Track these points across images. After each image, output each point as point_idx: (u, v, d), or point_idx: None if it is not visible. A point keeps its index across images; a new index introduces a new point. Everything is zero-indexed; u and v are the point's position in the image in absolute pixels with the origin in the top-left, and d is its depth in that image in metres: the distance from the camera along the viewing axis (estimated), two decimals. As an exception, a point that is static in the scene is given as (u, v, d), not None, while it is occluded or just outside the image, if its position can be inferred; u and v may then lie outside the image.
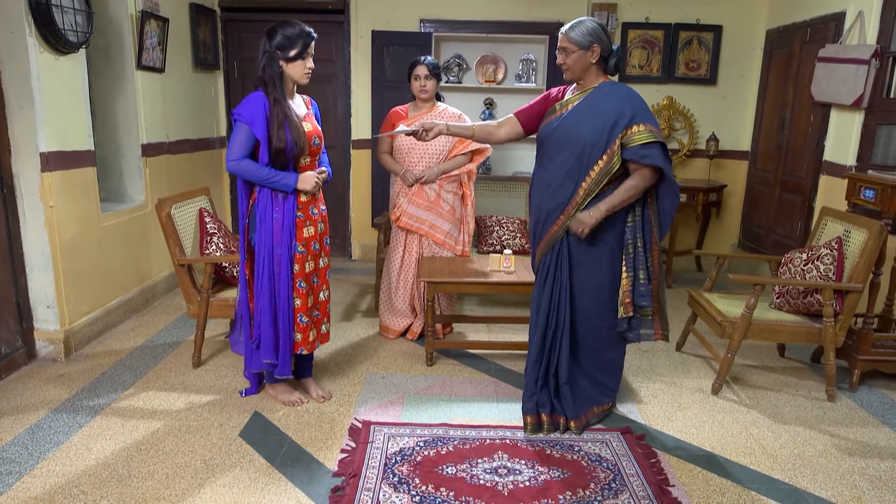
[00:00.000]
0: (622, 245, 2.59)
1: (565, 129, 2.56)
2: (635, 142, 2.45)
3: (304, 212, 2.70)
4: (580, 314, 2.64)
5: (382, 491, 2.25)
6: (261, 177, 2.57)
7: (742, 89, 5.32)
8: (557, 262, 2.60)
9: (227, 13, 5.25)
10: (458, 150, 3.58)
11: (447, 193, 3.59)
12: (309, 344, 2.78)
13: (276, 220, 2.63)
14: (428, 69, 3.50)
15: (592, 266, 2.60)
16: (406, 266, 3.70)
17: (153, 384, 3.07)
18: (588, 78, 2.57)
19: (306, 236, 2.71)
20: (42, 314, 3.29)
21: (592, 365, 2.73)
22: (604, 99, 2.52)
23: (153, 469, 2.36)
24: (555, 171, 2.58)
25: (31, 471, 2.33)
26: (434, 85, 3.53)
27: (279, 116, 2.53)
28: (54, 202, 3.20)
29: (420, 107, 3.60)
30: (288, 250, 2.65)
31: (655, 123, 2.50)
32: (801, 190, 4.55)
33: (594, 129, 2.49)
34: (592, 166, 2.50)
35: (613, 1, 5.14)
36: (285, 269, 2.66)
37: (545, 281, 2.63)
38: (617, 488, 2.32)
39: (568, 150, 2.55)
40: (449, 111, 3.59)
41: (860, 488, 2.37)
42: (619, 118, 2.46)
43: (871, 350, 3.15)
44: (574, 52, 2.51)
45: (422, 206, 3.56)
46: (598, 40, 2.49)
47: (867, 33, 3.83)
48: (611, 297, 2.63)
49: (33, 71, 3.03)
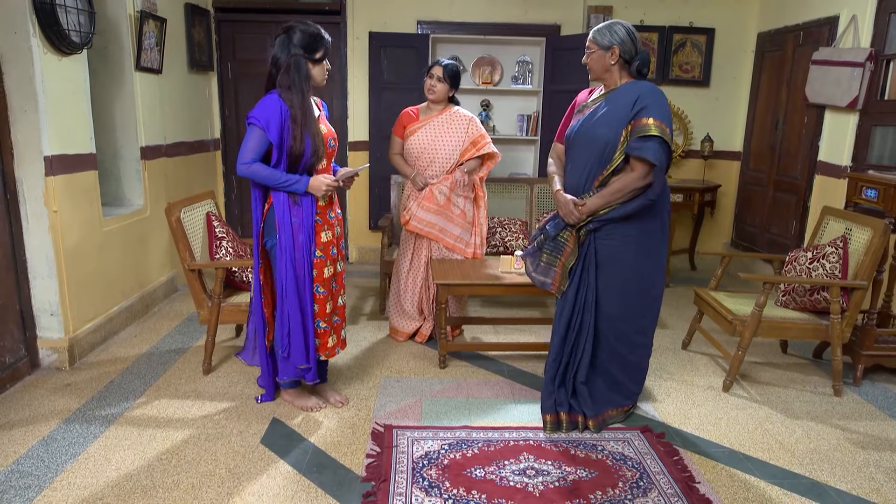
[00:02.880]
0: (649, 248, 2.61)
1: (585, 129, 2.58)
2: (638, 133, 2.41)
3: (322, 216, 2.67)
4: (604, 316, 2.66)
5: (414, 495, 2.24)
6: (273, 181, 2.52)
7: (734, 91, 5.43)
8: (584, 263, 2.61)
9: (221, 13, 5.18)
10: (469, 154, 3.54)
11: (458, 197, 3.54)
12: (328, 350, 2.76)
13: (296, 224, 2.59)
14: (443, 71, 3.44)
15: (618, 267, 2.61)
16: (415, 269, 3.68)
17: (165, 392, 3.01)
18: (610, 79, 2.59)
19: (324, 241, 2.68)
20: (46, 322, 3.20)
21: (614, 366, 2.74)
22: (622, 97, 2.52)
23: (178, 479, 2.32)
24: (578, 173, 2.60)
25: (51, 484, 2.27)
26: (444, 89, 3.47)
27: (301, 122, 2.48)
28: (58, 207, 3.12)
29: (432, 108, 3.56)
30: (309, 255, 2.63)
31: (667, 121, 2.42)
32: (795, 190, 4.65)
33: (610, 127, 2.49)
34: (607, 164, 2.52)
35: (609, 3, 5.19)
36: (308, 274, 2.63)
37: (571, 282, 2.64)
38: (645, 486, 2.34)
39: (588, 150, 2.56)
40: (460, 113, 3.55)
41: (878, 480, 2.43)
42: (630, 109, 2.44)
43: (874, 345, 3.24)
44: (594, 51, 2.55)
45: (432, 210, 3.52)
46: (619, 42, 2.51)
47: (861, 37, 3.93)
48: (636, 299, 2.65)
49: (37, 72, 2.95)
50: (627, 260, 2.61)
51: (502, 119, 5.50)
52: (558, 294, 2.68)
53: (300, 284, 2.62)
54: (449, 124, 3.51)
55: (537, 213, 4.62)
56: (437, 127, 3.51)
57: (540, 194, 4.63)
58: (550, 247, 2.67)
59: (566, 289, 2.65)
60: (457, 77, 3.50)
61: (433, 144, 3.51)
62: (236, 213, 5.64)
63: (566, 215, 2.57)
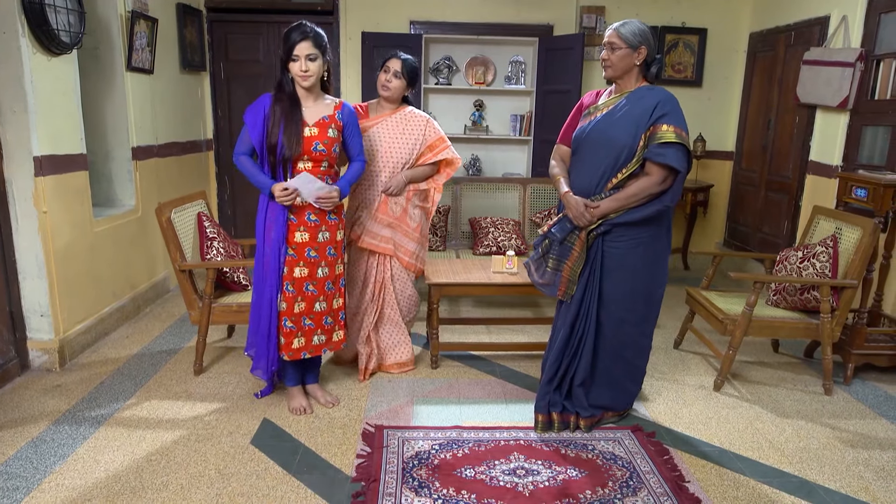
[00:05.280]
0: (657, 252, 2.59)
1: (599, 131, 2.54)
2: (657, 140, 2.42)
3: (298, 216, 2.66)
4: (612, 321, 2.62)
5: (404, 495, 2.24)
6: (249, 175, 2.68)
7: (726, 91, 5.44)
8: (591, 268, 2.58)
9: (214, 14, 5.18)
10: (426, 158, 3.14)
11: (414, 209, 3.17)
12: (292, 351, 2.73)
13: (269, 220, 2.67)
14: (402, 65, 3.01)
15: (627, 271, 2.57)
16: (366, 290, 3.22)
17: (155, 393, 3.00)
18: (627, 80, 2.54)
19: (298, 241, 2.67)
20: (35, 323, 3.19)
21: (618, 370, 2.71)
22: (639, 102, 2.49)
23: (167, 480, 2.31)
24: (590, 175, 2.55)
25: (39, 485, 2.26)
26: (401, 86, 3.04)
27: (276, 115, 2.59)
28: (48, 208, 3.11)
29: (383, 106, 3.12)
30: (278, 253, 2.65)
31: (685, 128, 2.44)
32: (787, 189, 4.67)
33: (628, 132, 2.46)
34: (622, 168, 2.49)
35: (601, 4, 5.20)
36: (272, 271, 2.66)
37: (578, 286, 2.60)
38: (635, 486, 2.34)
39: (602, 152, 2.52)
40: (415, 114, 3.13)
41: (866, 479, 2.44)
42: (649, 116, 2.43)
43: (864, 344, 3.25)
44: (621, 49, 2.47)
45: (385, 224, 3.11)
46: (647, 42, 2.47)
47: (851, 37, 3.95)
48: (644, 304, 2.63)
49: (26, 73, 2.94)
50: (636, 264, 2.57)
51: (495, 119, 5.50)
52: (567, 298, 2.63)
53: (268, 279, 2.67)
54: (403, 125, 3.10)
55: (530, 213, 4.62)
56: (389, 128, 3.08)
57: (533, 194, 4.64)
58: (556, 251, 2.61)
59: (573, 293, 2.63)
60: (415, 74, 3.09)
61: (385, 147, 3.07)
62: (229, 213, 5.63)
63: (577, 217, 2.52)
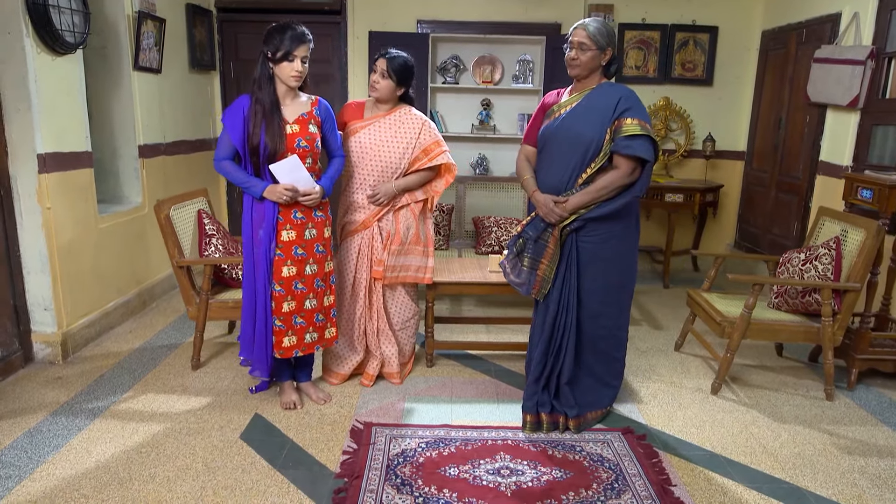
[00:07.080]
0: (629, 244, 2.62)
1: (566, 128, 2.57)
2: (622, 133, 2.46)
3: (285, 215, 2.67)
4: (589, 315, 2.64)
5: (385, 492, 2.25)
6: (236, 179, 2.66)
7: (738, 90, 5.35)
8: (567, 263, 2.59)
9: (224, 14, 5.24)
10: (421, 163, 2.96)
11: (422, 225, 3.08)
12: (283, 349, 2.74)
13: (256, 219, 2.67)
14: (387, 65, 2.82)
15: (601, 265, 2.60)
16: (356, 289, 3.05)
17: (152, 386, 3.05)
18: (591, 79, 2.59)
19: (285, 240, 2.68)
20: (39, 317, 3.27)
21: (600, 365, 2.73)
22: (602, 97, 2.55)
23: (154, 472, 2.35)
24: (559, 172, 2.58)
25: (31, 474, 2.32)
26: (389, 87, 2.86)
27: (257, 115, 2.56)
28: (52, 204, 3.18)
29: (378, 106, 2.97)
30: (266, 252, 2.66)
31: (648, 121, 2.51)
32: (797, 190, 4.57)
33: (594, 127, 2.51)
34: (590, 163, 2.53)
35: (610, 2, 5.15)
36: (261, 270, 2.67)
37: (554, 284, 2.61)
38: (619, 488, 2.32)
39: (570, 148, 2.55)
40: (412, 115, 2.96)
41: (861, 487, 2.38)
42: (613, 111, 2.49)
43: (868, 349, 3.17)
44: (591, 50, 2.52)
45: (395, 252, 2.99)
46: (612, 45, 2.55)
47: (863, 34, 3.86)
48: (618, 295, 2.65)
49: (30, 72, 3.01)
50: (609, 257, 2.61)
51: (503, 118, 5.48)
52: (540, 297, 2.66)
53: (257, 278, 2.69)
54: (397, 127, 2.93)
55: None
56: (382, 129, 2.92)
57: (537, 194, 4.60)
58: (531, 250, 2.63)
59: (549, 290, 2.64)
60: (406, 73, 2.87)
61: (376, 149, 2.92)
62: (238, 210, 5.70)
63: (546, 214, 2.55)
